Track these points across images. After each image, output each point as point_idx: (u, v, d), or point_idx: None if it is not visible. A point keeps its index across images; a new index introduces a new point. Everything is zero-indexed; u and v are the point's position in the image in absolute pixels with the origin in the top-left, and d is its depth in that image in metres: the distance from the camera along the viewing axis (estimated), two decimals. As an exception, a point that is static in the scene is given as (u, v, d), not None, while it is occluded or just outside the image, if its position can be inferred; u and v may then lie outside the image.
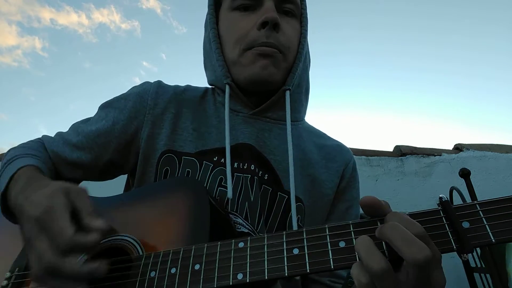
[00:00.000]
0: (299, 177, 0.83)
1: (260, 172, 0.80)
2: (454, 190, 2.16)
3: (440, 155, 2.65)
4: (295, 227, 0.75)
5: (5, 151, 0.86)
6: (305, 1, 0.87)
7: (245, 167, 0.80)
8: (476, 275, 1.97)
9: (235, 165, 0.79)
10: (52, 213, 0.55)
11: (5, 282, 0.67)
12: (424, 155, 2.63)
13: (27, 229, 0.57)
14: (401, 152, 2.63)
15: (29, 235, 0.56)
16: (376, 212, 0.47)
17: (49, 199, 0.57)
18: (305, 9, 0.87)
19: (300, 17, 0.85)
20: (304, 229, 0.51)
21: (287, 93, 0.82)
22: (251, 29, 0.78)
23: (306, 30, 0.85)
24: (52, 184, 0.61)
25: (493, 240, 0.40)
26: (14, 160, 0.76)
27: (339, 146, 0.94)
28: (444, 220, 0.44)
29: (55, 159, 0.85)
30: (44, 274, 0.52)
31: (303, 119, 0.93)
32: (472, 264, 1.98)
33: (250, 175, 0.79)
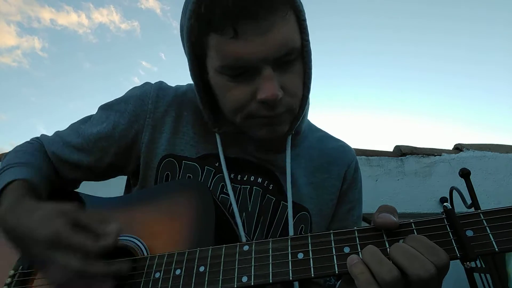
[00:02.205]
0: (303, 186, 0.83)
1: (266, 182, 0.80)
2: (454, 190, 2.17)
3: (440, 155, 2.65)
4: (291, 233, 0.75)
5: (5, 151, 0.86)
6: (307, 30, 0.70)
7: (244, 178, 0.80)
8: (476, 275, 1.98)
9: (232, 175, 0.79)
10: (61, 233, 0.57)
11: (8, 280, 0.67)
12: (424, 155, 2.63)
13: (36, 252, 0.58)
14: (401, 152, 2.63)
15: (42, 257, 0.58)
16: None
17: (49, 222, 0.59)
18: (308, 41, 0.70)
19: (302, 52, 0.70)
20: (309, 234, 0.51)
21: (289, 138, 0.80)
22: (250, 101, 0.67)
23: (310, 68, 0.72)
24: (44, 207, 0.63)
25: (497, 249, 0.41)
26: (5, 170, 0.75)
27: (341, 147, 0.93)
28: (448, 228, 0.45)
29: (56, 161, 0.84)
30: (72, 281, 0.56)
31: (304, 129, 0.88)
32: (472, 264, 1.99)
33: (249, 186, 0.79)
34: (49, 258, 0.57)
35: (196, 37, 0.67)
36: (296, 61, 0.69)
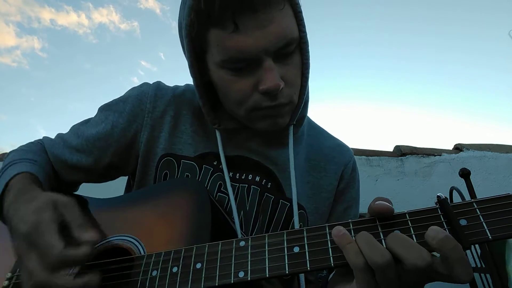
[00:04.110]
0: (300, 185, 0.83)
1: (264, 180, 0.81)
2: (454, 190, 2.16)
3: (440, 155, 2.65)
4: None
5: (5, 151, 0.87)
6: (303, 21, 0.71)
7: (242, 177, 0.80)
8: (476, 275, 1.97)
9: (231, 174, 0.79)
10: (39, 228, 0.54)
11: (6, 283, 0.67)
12: (424, 155, 2.63)
13: (17, 246, 0.57)
14: (401, 152, 2.63)
15: (19, 252, 0.56)
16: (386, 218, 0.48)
17: (36, 214, 0.56)
18: (305, 32, 0.71)
19: (299, 43, 0.72)
20: (304, 228, 0.51)
21: (291, 128, 0.80)
22: (252, 93, 0.69)
23: (308, 58, 0.74)
24: (40, 197, 0.60)
25: (490, 237, 0.41)
26: (10, 165, 0.76)
27: (339, 146, 0.93)
28: (442, 218, 0.45)
29: (56, 162, 0.85)
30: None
31: (304, 126, 0.90)
32: (472, 264, 1.98)
33: (247, 185, 0.80)
34: (21, 259, 0.55)
35: (196, 33, 0.68)
36: (294, 52, 0.70)
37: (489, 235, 0.41)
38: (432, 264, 0.42)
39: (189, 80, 0.91)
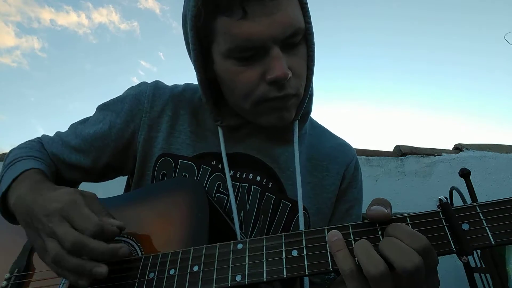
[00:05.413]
0: (301, 185, 0.80)
1: (264, 180, 0.79)
2: (454, 190, 2.16)
3: (440, 155, 2.65)
4: None
5: (5, 151, 0.86)
6: (309, 13, 0.70)
7: (243, 176, 0.79)
8: (476, 275, 1.97)
9: (231, 172, 0.78)
10: (76, 205, 0.58)
11: (4, 283, 0.67)
12: (424, 155, 2.63)
13: (44, 222, 0.58)
14: (401, 152, 2.62)
15: (48, 226, 0.57)
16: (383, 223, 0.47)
17: (69, 195, 0.60)
18: (310, 23, 0.71)
19: (305, 34, 0.71)
20: (303, 230, 0.51)
21: (295, 123, 0.79)
22: (259, 83, 0.67)
23: (313, 50, 0.73)
24: (65, 188, 0.64)
25: (493, 243, 0.40)
26: (16, 162, 0.76)
27: (341, 145, 0.91)
28: (444, 222, 0.44)
29: (55, 160, 0.84)
30: (65, 254, 0.54)
31: (306, 125, 0.89)
32: (472, 264, 1.97)
33: (247, 184, 0.78)
34: (52, 229, 0.56)
35: (202, 24, 0.67)
36: (300, 43, 0.70)
37: (492, 240, 0.40)
38: (421, 271, 0.41)
39: (189, 80, 0.90)
